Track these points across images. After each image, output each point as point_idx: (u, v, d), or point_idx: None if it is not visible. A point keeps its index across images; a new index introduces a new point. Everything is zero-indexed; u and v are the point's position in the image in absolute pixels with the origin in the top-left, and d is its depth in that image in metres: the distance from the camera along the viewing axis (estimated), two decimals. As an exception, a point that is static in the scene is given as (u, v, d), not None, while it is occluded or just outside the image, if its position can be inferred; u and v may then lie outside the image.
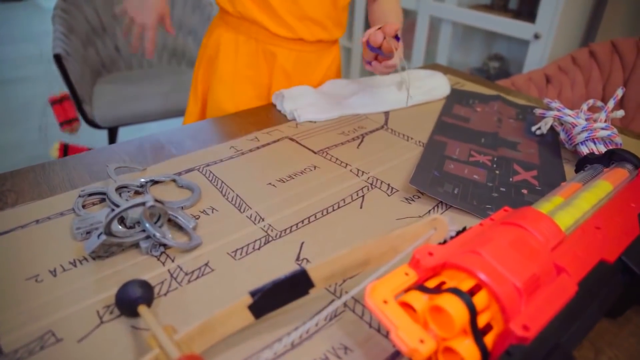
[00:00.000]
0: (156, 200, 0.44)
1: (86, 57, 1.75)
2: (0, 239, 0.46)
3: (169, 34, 1.88)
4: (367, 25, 2.42)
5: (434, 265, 0.35)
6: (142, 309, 0.35)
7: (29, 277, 0.41)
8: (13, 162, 2.27)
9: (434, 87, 0.87)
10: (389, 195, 0.56)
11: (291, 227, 0.49)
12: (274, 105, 0.79)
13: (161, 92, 1.70)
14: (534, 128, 0.77)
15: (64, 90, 1.59)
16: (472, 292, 0.32)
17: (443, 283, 0.34)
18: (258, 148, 0.65)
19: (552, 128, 0.78)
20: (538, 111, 0.76)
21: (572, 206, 0.44)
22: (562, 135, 0.72)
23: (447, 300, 0.31)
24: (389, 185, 0.58)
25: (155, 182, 0.57)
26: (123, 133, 2.45)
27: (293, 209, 0.52)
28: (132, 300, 0.35)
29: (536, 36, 1.62)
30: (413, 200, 0.55)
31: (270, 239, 0.48)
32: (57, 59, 1.44)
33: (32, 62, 3.73)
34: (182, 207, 0.51)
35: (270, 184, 0.57)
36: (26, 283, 0.40)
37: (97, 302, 0.39)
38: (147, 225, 0.44)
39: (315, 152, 0.65)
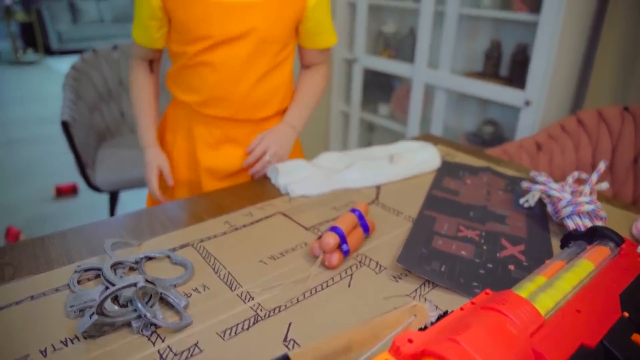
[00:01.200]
0: (147, 281, 0.45)
1: (92, 122, 1.80)
2: (-5, 318, 0.47)
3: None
4: (365, 93, 2.49)
5: (414, 353, 0.35)
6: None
7: (19, 358, 0.42)
8: (17, 220, 2.28)
9: (425, 159, 0.90)
10: (377, 273, 0.57)
11: (280, 306, 0.50)
12: (269, 179, 0.82)
13: (163, 157, 1.74)
14: (521, 201, 0.79)
15: (68, 153, 1.62)
16: (450, 381, 0.33)
17: (423, 371, 0.35)
18: (252, 223, 0.67)
19: (540, 200, 0.80)
20: (525, 184, 0.78)
21: (553, 287, 0.45)
22: (549, 208, 0.74)
23: (425, 391, 0.31)
24: (377, 263, 0.59)
25: (150, 259, 0.58)
26: (124, 196, 2.49)
27: (282, 288, 0.53)
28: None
29: (527, 103, 1.68)
30: (400, 278, 0.57)
31: (259, 318, 0.48)
32: (65, 125, 1.48)
33: (40, 122, 3.82)
34: (174, 285, 0.53)
35: (261, 261, 0.58)
36: (17, 365, 0.41)
37: (85, 387, 0.39)
38: (139, 305, 0.46)
39: (307, 229, 0.66)
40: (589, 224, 0.68)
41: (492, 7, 1.93)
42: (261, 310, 0.50)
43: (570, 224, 0.69)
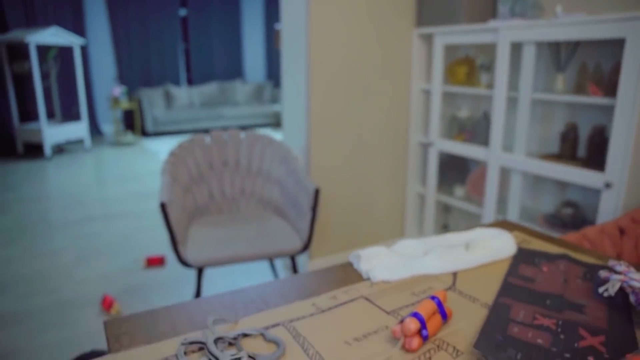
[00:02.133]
0: (249, 356, 0.52)
1: (185, 203, 1.96)
2: (121, 384, 0.54)
3: (257, 182, 2.07)
4: (440, 175, 2.53)
5: None
6: None
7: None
8: (112, 289, 2.46)
9: (501, 247, 0.92)
10: (454, 358, 0.60)
11: (364, 386, 0.55)
12: (351, 264, 0.88)
13: (248, 237, 1.85)
14: (601, 290, 0.79)
15: (158, 227, 1.76)
16: None
17: None
18: (336, 306, 0.73)
19: (622, 289, 0.79)
20: (603, 274, 0.79)
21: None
22: (632, 298, 0.74)
23: None
24: (454, 347, 0.63)
25: (245, 335, 0.64)
26: (209, 270, 2.62)
27: (366, 368, 0.58)
28: None
29: (607, 185, 1.65)
30: (478, 364, 0.59)
31: (345, 396, 0.53)
32: (163, 207, 1.64)
33: (134, 199, 4.14)
34: (269, 361, 0.58)
35: (346, 342, 0.63)
36: None
37: None
38: (241, 379, 0.52)
39: (387, 313, 0.71)
40: (672, 316, 0.68)
41: (565, 92, 1.96)
42: (346, 389, 0.54)
43: (652, 317, 0.68)
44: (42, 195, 4.26)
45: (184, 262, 1.72)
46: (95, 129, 7.29)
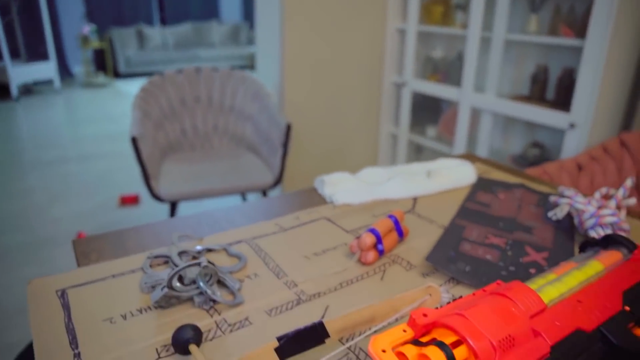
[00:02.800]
0: (209, 262, 0.54)
1: (157, 138, 1.95)
2: (85, 288, 0.57)
3: (230, 119, 2.08)
4: (413, 116, 2.56)
5: (427, 324, 0.42)
6: (192, 347, 0.44)
7: (105, 319, 0.51)
8: (86, 226, 2.47)
9: (461, 176, 0.96)
10: (407, 270, 0.64)
11: (319, 293, 0.58)
12: (315, 189, 0.90)
13: (220, 172, 1.86)
14: (549, 214, 0.83)
15: (133, 168, 1.77)
16: (455, 346, 0.40)
17: (434, 339, 0.42)
18: (299, 226, 0.75)
19: (570, 214, 0.84)
20: (552, 198, 0.83)
21: (561, 282, 0.51)
22: (576, 221, 0.78)
23: (431, 351, 0.38)
24: (408, 262, 0.66)
25: (209, 250, 0.67)
26: (182, 206, 2.64)
27: (322, 278, 0.61)
28: (185, 340, 0.45)
29: (572, 125, 1.69)
30: (428, 275, 0.63)
31: (301, 301, 0.56)
32: (134, 141, 1.63)
33: (109, 139, 4.09)
34: (230, 272, 0.61)
35: (305, 256, 0.66)
36: (102, 323, 0.51)
37: (157, 342, 0.48)
38: (201, 283, 0.54)
39: (347, 232, 0.74)
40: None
41: (538, 33, 1.97)
42: (303, 295, 0.57)
43: (593, 235, 0.73)
44: (12, 136, 4.17)
45: (156, 197, 1.74)
46: (64, 70, 7.05)
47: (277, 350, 0.42)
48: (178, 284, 0.55)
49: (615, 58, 1.64)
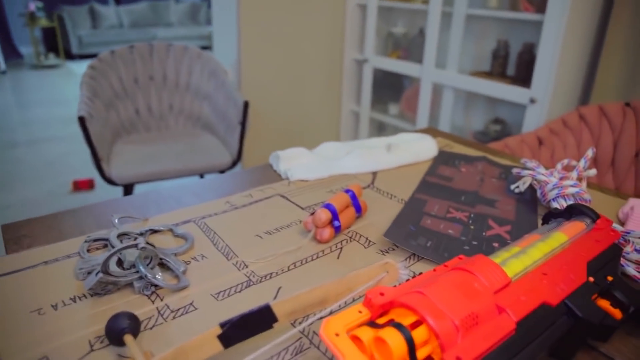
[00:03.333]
0: (147, 243, 0.49)
1: (108, 119, 1.86)
2: (12, 277, 0.51)
3: (186, 98, 2.00)
4: (375, 93, 2.53)
5: (384, 303, 0.39)
6: (127, 338, 0.40)
7: (32, 310, 0.46)
8: (36, 214, 2.36)
9: (422, 149, 0.93)
10: (365, 248, 0.61)
11: (271, 274, 0.54)
12: (270, 165, 0.86)
13: (175, 153, 1.79)
14: (512, 186, 0.82)
15: (87, 151, 1.68)
16: (415, 326, 0.37)
17: (392, 320, 0.38)
18: (251, 203, 0.71)
19: (532, 187, 0.82)
20: (515, 170, 0.81)
21: (525, 254, 0.48)
22: (538, 193, 0.77)
23: (388, 333, 0.35)
24: (367, 238, 0.63)
25: (154, 231, 0.62)
26: (138, 190, 2.55)
27: (275, 258, 0.57)
28: (119, 330, 0.40)
29: (532, 100, 1.70)
30: (387, 252, 0.60)
31: (252, 283, 0.52)
32: (81, 121, 1.54)
33: (61, 123, 3.92)
34: (175, 254, 0.57)
35: (257, 235, 0.62)
36: (30, 315, 0.46)
37: (90, 333, 0.44)
38: (141, 267, 0.50)
39: (302, 208, 0.70)
40: (574, 206, 0.71)
41: (499, 8, 1.96)
42: (254, 276, 0.53)
43: (556, 206, 0.71)
44: (-45, 119, 3.95)
45: (108, 180, 1.66)
46: (11, 51, 6.70)
47: (220, 337, 0.38)
48: (117, 269, 0.51)
49: (574, 32, 1.64)
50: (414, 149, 0.92)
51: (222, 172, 1.84)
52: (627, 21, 1.61)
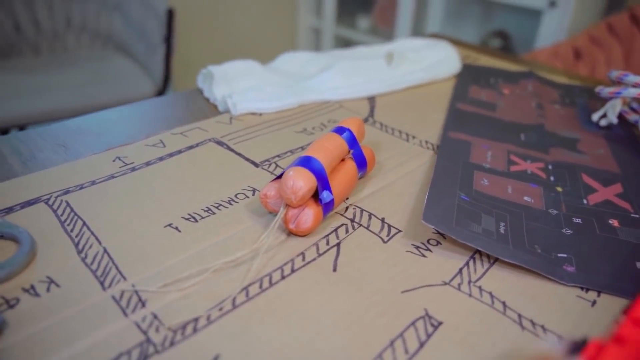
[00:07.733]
0: None
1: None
2: None
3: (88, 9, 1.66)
4: (340, 2, 2.24)
5: None
6: None
7: None
8: None
9: (438, 61, 0.66)
10: (384, 242, 0.35)
11: (197, 319, 0.28)
12: (200, 91, 0.58)
13: (76, 84, 1.48)
14: (595, 116, 0.57)
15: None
16: None
17: None
18: (161, 159, 0.43)
19: (622, 115, 0.58)
20: (607, 91, 0.55)
21: None
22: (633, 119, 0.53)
23: None
24: (382, 221, 0.37)
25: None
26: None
27: (206, 279, 0.30)
28: None
29: (552, 3, 1.45)
30: (428, 249, 0.34)
31: (153, 351, 0.26)
32: None
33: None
34: (-17, 283, 0.29)
35: (171, 225, 0.35)
36: None
37: None
38: None
39: (257, 165, 0.43)
40: None
41: None
42: (157, 330, 0.27)
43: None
44: None
45: (-22, 123, 1.33)
46: None
47: None
48: None
49: None
50: (427, 60, 0.66)
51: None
52: None
